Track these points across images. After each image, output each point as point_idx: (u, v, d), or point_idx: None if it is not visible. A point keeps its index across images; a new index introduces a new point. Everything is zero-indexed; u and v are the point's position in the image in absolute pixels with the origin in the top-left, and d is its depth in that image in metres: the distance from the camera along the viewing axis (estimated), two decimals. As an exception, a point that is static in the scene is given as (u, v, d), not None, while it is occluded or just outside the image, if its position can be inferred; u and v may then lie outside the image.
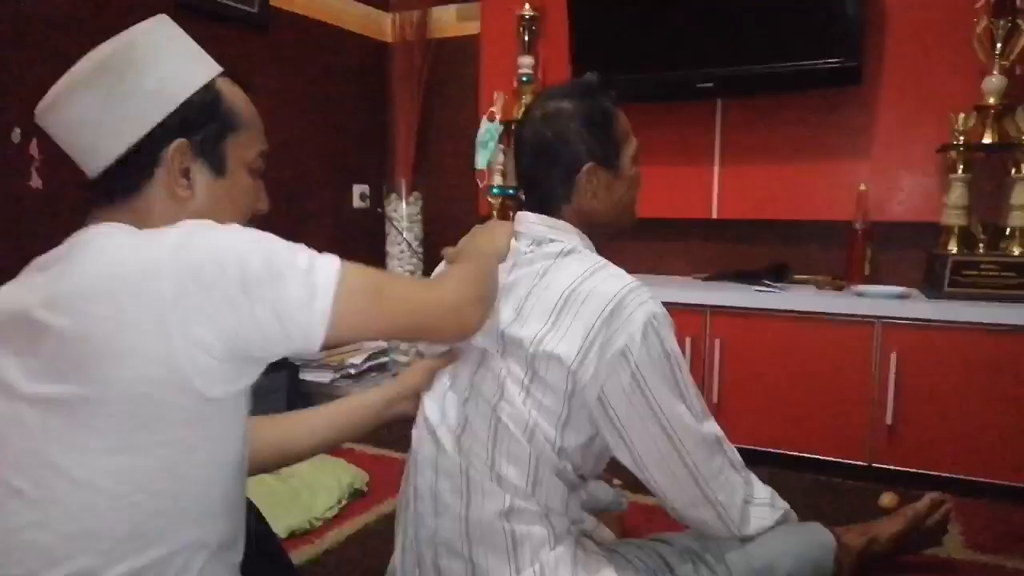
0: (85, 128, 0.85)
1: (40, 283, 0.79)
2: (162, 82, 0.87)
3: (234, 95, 0.94)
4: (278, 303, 0.77)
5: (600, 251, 1.19)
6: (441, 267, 1.21)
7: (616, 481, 1.59)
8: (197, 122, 0.88)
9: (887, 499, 1.87)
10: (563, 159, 1.14)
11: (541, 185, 1.17)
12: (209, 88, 0.90)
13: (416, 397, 1.21)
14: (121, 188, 0.87)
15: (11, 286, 0.83)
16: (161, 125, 0.86)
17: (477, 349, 1.10)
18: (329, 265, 0.82)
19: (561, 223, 1.16)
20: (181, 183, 0.88)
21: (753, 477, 1.18)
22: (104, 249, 0.78)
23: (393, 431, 2.48)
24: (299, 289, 0.78)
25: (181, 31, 0.93)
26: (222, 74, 0.94)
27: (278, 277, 0.77)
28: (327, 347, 0.83)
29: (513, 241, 1.18)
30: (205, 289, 0.75)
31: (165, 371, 0.74)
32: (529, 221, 1.18)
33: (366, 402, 1.24)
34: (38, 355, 0.76)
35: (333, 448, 1.25)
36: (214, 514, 0.85)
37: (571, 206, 1.16)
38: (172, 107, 0.87)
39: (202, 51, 0.94)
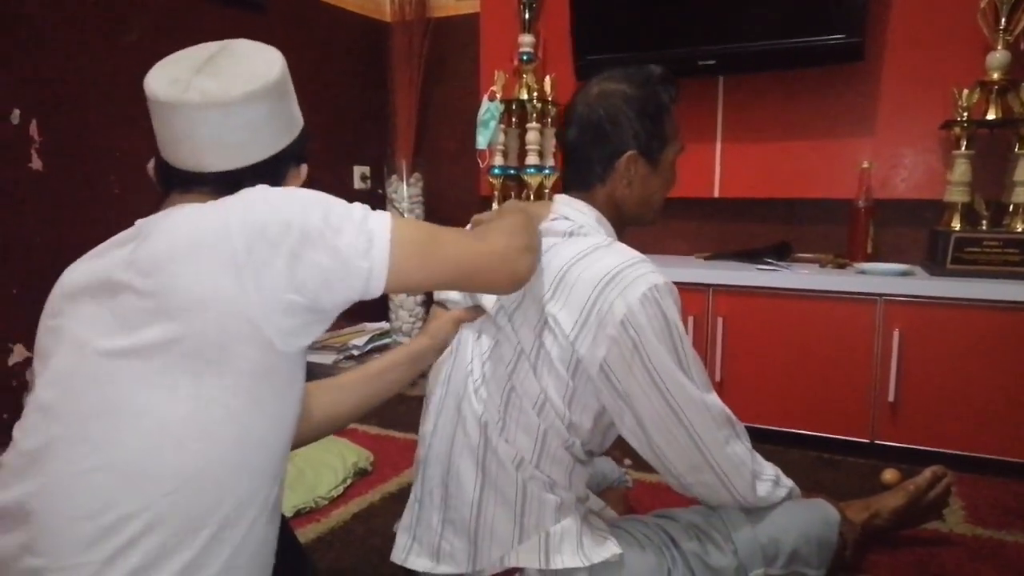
0: (246, 131, 0.92)
1: (120, 253, 0.86)
2: (295, 110, 1.01)
3: None
4: (339, 252, 0.84)
5: (620, 238, 1.20)
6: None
7: (627, 461, 1.60)
8: (304, 149, 1.02)
9: (889, 475, 1.88)
10: (609, 141, 1.16)
11: (581, 160, 1.19)
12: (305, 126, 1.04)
13: (443, 350, 1.24)
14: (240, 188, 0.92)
15: (87, 260, 0.90)
16: (290, 145, 0.98)
17: (496, 319, 1.13)
18: (383, 216, 0.90)
19: (586, 207, 1.18)
20: None
21: (758, 455, 1.18)
22: (182, 218, 0.85)
23: (397, 410, 2.50)
24: (357, 238, 0.85)
25: None
26: None
27: (337, 229, 0.85)
28: (388, 292, 0.89)
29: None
30: (273, 245, 0.81)
31: (239, 322, 0.80)
32: (560, 202, 1.20)
33: (397, 360, 1.25)
34: (117, 313, 0.82)
35: (370, 411, 1.26)
36: (268, 472, 0.90)
37: (604, 188, 1.18)
38: (297, 132, 1.00)
39: None
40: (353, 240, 0.85)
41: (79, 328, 0.84)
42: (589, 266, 1.06)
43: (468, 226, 1.21)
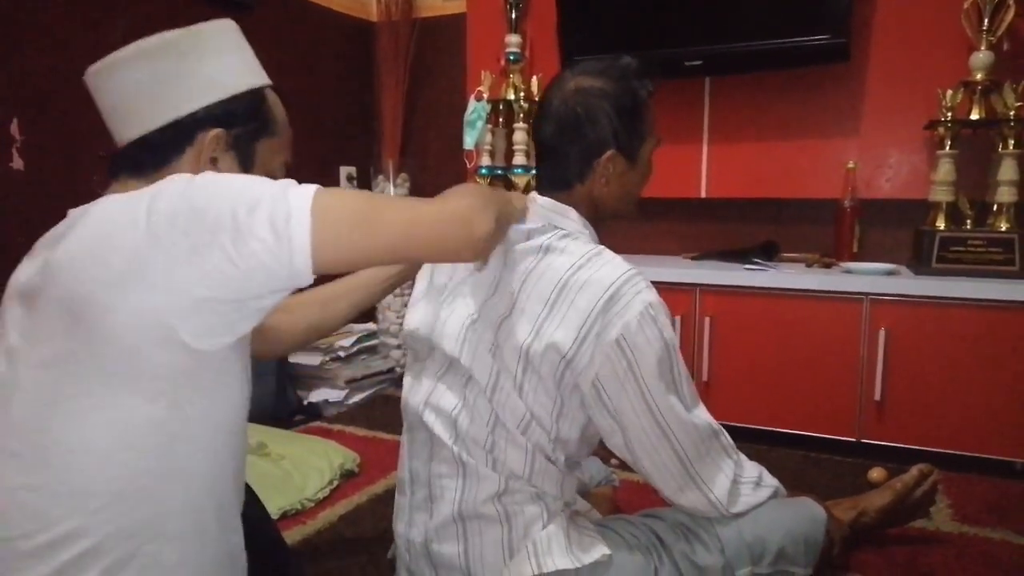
0: (133, 94, 0.90)
1: (43, 255, 0.81)
2: (217, 72, 0.92)
3: (276, 104, 1.00)
4: (252, 234, 0.74)
5: (600, 235, 1.18)
6: None
7: (613, 461, 1.60)
8: (239, 117, 0.93)
9: (876, 474, 1.88)
10: (588, 139, 1.12)
11: (558, 159, 1.14)
12: (257, 92, 0.96)
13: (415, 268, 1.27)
14: (150, 160, 0.90)
15: (25, 261, 0.86)
16: (206, 109, 0.90)
17: (473, 337, 1.09)
18: (305, 189, 0.78)
19: (566, 208, 1.14)
20: (207, 169, 0.90)
21: (743, 458, 1.19)
22: (98, 211, 0.80)
23: (384, 412, 2.49)
24: (274, 216, 0.74)
25: (245, 41, 1.00)
26: (270, 87, 1.00)
27: (252, 209, 0.74)
28: (320, 273, 0.78)
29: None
30: (183, 234, 0.74)
31: (150, 322, 0.74)
32: (538, 203, 1.15)
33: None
34: (35, 319, 0.78)
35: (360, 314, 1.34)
36: (208, 478, 0.85)
37: (583, 187, 1.14)
38: (220, 96, 0.91)
39: (258, 62, 1.01)
40: (270, 219, 0.74)
41: (10, 335, 0.80)
42: (587, 280, 1.03)
43: None
